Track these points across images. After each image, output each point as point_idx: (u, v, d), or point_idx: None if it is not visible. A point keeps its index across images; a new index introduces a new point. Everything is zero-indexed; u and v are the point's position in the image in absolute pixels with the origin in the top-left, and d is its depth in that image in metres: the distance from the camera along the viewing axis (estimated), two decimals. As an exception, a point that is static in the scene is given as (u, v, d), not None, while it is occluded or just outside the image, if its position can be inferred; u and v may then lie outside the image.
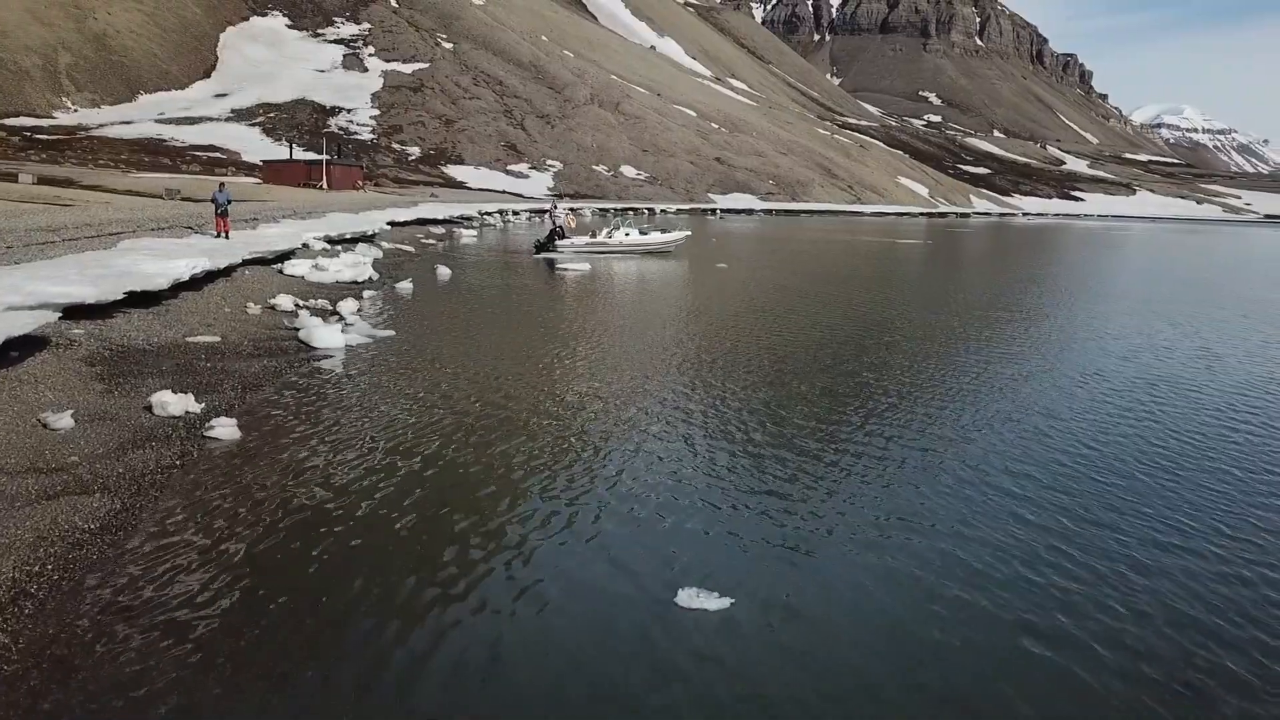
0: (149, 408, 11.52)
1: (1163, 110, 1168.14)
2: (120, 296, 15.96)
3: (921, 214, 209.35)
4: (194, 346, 15.76)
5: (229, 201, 29.13)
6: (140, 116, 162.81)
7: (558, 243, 45.67)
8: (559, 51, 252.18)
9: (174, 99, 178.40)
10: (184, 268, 19.30)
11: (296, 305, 21.27)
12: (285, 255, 28.07)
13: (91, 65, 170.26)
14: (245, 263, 25.14)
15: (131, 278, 17.27)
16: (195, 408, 11.77)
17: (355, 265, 27.37)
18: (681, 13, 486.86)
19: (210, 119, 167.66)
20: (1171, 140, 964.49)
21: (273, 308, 20.65)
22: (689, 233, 50.31)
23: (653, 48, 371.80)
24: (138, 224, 29.63)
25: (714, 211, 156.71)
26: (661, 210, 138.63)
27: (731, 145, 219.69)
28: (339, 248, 36.46)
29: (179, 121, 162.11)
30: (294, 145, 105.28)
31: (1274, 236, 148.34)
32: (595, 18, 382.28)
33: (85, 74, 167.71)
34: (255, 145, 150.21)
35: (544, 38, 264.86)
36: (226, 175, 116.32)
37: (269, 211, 44.82)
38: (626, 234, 47.70)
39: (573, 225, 47.41)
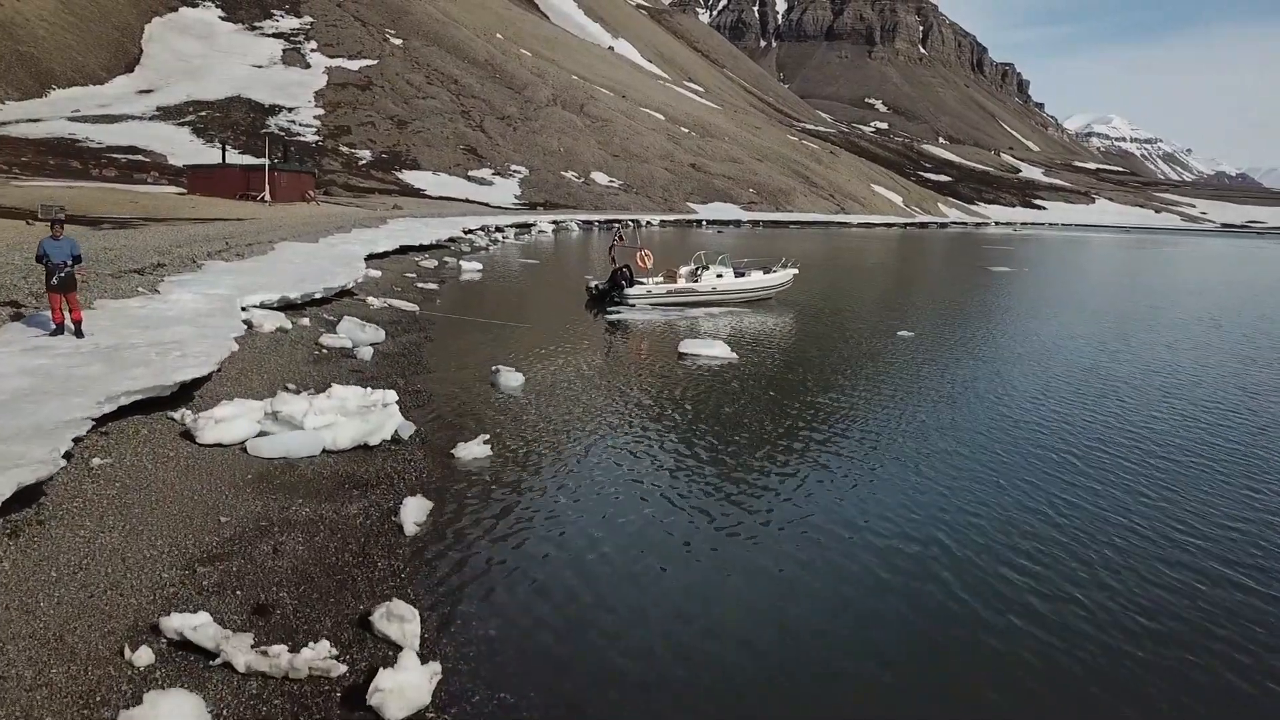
0: None
1: (1093, 119, 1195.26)
2: None
3: (908, 225, 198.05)
4: None
5: (76, 260, 13.63)
6: (51, 114, 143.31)
7: (626, 291, 30.80)
8: (515, 50, 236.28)
9: (91, 95, 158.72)
10: None
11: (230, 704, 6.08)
12: (195, 383, 12.64)
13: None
14: (105, 421, 9.91)
15: None
16: None
17: (364, 409, 12.02)
18: (635, 14, 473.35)
19: (132, 117, 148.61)
20: (1102, 149, 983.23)
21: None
22: (797, 270, 35.68)
23: (611, 48, 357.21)
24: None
25: (700, 223, 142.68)
26: (647, 222, 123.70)
27: (705, 151, 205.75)
28: (306, 318, 21.07)
29: (96, 120, 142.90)
30: (228, 147, 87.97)
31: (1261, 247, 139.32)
32: (547, 17, 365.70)
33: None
34: (184, 147, 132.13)
35: (499, 35, 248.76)
36: (147, 181, 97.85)
37: (185, 246, 28.96)
38: (719, 275, 33.01)
39: (646, 265, 32.45)
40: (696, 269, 33.01)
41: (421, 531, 9.60)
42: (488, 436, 12.86)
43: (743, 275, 33.80)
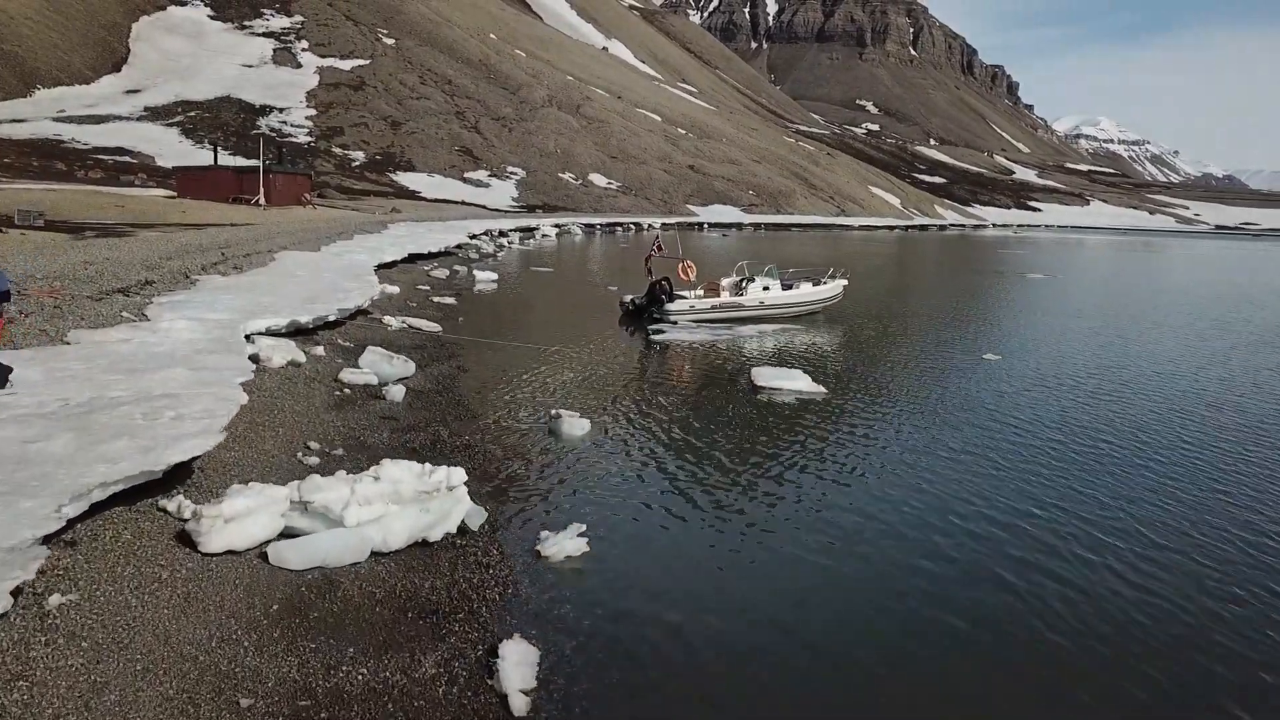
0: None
1: (1081, 121, 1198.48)
2: None
3: (908, 227, 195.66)
4: None
5: (3, 296, 10.31)
6: (36, 114, 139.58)
7: (667, 307, 27.82)
8: (510, 50, 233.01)
9: (77, 94, 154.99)
10: None
11: None
12: (174, 473, 9.48)
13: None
14: (71, 526, 6.81)
15: None
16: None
17: (423, 495, 8.99)
18: (628, 15, 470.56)
19: (119, 117, 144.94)
20: (1091, 150, 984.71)
21: None
22: (847, 280, 32.77)
23: (604, 49, 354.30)
24: None
25: (701, 226, 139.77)
26: (649, 225, 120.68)
27: (704, 152, 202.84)
28: (320, 346, 17.98)
29: (82, 120, 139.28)
30: (219, 148, 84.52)
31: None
32: (540, 17, 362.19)
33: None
34: (173, 148, 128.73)
35: (493, 35, 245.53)
36: (134, 183, 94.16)
37: (177, 258, 25.81)
38: (766, 288, 30.02)
39: (689, 277, 29.42)
40: (741, 281, 30.05)
41: (535, 704, 6.53)
42: (582, 527, 9.76)
43: (790, 287, 30.83)
